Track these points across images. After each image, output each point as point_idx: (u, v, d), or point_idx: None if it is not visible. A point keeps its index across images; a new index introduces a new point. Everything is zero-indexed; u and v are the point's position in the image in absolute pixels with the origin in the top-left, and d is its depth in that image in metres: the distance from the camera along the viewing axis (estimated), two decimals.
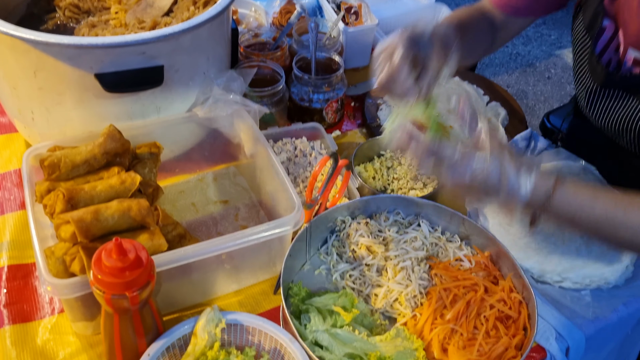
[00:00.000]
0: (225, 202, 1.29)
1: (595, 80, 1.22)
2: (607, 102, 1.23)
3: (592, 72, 1.23)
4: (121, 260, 0.82)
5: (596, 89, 1.23)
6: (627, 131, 1.21)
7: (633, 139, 1.21)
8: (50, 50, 1.04)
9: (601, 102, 1.24)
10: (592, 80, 1.24)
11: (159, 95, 1.16)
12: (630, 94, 1.17)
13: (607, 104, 1.23)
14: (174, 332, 0.95)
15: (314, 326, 0.99)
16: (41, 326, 1.05)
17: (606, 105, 1.23)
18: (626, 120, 1.20)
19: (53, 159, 1.03)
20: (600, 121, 1.28)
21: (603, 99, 1.23)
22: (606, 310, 1.11)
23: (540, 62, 4.10)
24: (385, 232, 1.15)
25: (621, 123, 1.21)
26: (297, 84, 1.45)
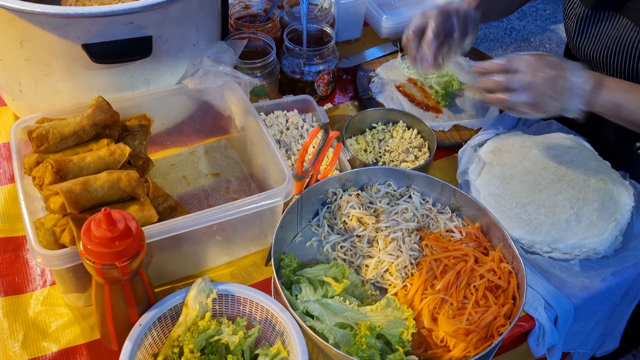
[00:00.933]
0: (217, 174, 1.29)
1: (586, 3, 1.27)
2: (596, 27, 1.27)
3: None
4: (110, 230, 0.82)
5: (586, 14, 1.28)
6: (616, 54, 1.24)
7: (621, 62, 1.24)
8: (36, 20, 1.02)
9: (590, 28, 1.28)
10: (581, 6, 1.28)
11: (148, 67, 1.15)
12: (619, 13, 1.21)
13: (596, 29, 1.27)
14: (166, 303, 0.95)
15: (305, 296, 1.00)
16: (33, 298, 1.06)
17: (595, 30, 1.28)
18: (615, 42, 1.24)
19: (41, 131, 1.02)
20: (589, 50, 1.31)
21: (592, 24, 1.28)
22: (595, 280, 1.12)
23: (535, 37, 4.07)
24: (377, 203, 1.15)
25: (609, 48, 1.26)
26: (289, 56, 1.44)
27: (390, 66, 1.59)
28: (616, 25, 1.25)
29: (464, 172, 1.28)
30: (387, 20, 1.67)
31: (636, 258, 1.14)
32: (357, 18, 1.68)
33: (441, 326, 0.98)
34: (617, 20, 1.24)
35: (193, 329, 0.93)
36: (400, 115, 1.37)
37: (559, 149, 1.26)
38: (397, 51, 1.66)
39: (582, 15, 1.30)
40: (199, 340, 0.92)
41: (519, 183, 1.21)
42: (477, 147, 1.33)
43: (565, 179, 1.20)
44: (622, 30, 1.23)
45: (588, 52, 1.33)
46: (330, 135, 1.11)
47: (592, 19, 1.28)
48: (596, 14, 1.27)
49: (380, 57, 1.64)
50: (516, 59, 1.11)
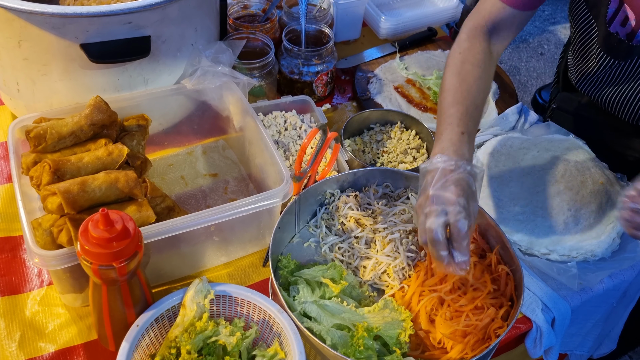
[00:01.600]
0: (215, 175, 1.28)
1: (613, 55, 1.20)
2: (622, 73, 1.22)
3: (606, 48, 1.20)
4: (108, 230, 0.82)
5: (611, 63, 1.22)
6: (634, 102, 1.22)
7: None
8: (35, 19, 1.02)
9: (614, 75, 1.23)
10: (605, 57, 1.21)
11: (146, 67, 1.15)
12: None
13: (622, 75, 1.22)
14: (163, 303, 0.95)
15: (303, 297, 1.00)
16: (30, 298, 1.05)
17: (621, 76, 1.22)
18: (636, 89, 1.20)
19: (39, 130, 1.02)
20: (602, 97, 1.27)
21: (618, 71, 1.22)
22: (592, 282, 1.12)
23: (534, 38, 4.07)
24: (374, 204, 1.15)
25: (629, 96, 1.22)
26: (287, 56, 1.44)
27: (389, 67, 1.59)
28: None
29: None
30: (386, 20, 1.67)
31: (633, 260, 1.14)
32: (355, 18, 1.68)
33: (438, 328, 0.99)
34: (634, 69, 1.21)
35: (190, 330, 0.93)
36: (398, 116, 1.37)
37: (557, 151, 1.26)
38: (396, 52, 1.66)
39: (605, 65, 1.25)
40: (196, 341, 0.92)
41: (516, 185, 1.21)
42: (476, 148, 1.33)
43: (563, 181, 1.20)
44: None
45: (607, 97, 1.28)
46: (329, 136, 1.11)
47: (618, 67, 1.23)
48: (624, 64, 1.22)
49: (379, 57, 1.64)
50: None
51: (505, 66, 3.80)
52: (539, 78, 3.74)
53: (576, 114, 1.43)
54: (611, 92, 1.27)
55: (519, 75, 3.74)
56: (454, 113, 1.06)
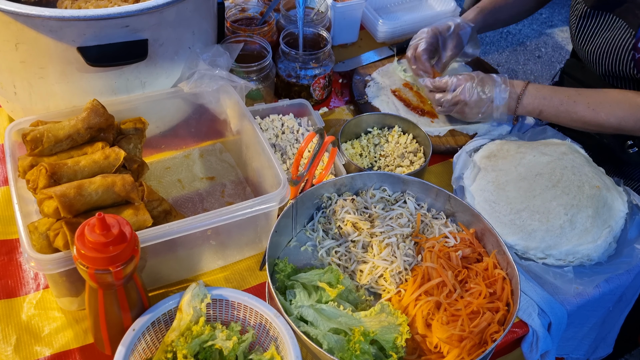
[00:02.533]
0: (212, 178, 1.28)
1: (587, 1, 1.35)
2: (593, 27, 1.36)
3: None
4: (104, 235, 0.82)
5: (586, 12, 1.36)
6: (608, 55, 1.32)
7: (612, 63, 1.32)
8: (32, 22, 1.02)
9: (588, 27, 1.36)
10: (583, 5, 1.36)
11: (143, 70, 1.15)
12: (615, 14, 1.29)
13: (593, 28, 1.36)
14: (160, 307, 0.95)
15: (299, 302, 1.00)
16: (26, 302, 1.05)
17: (592, 30, 1.36)
18: (608, 43, 1.32)
19: (36, 134, 1.02)
20: (586, 49, 1.39)
21: (590, 24, 1.36)
22: (588, 286, 1.12)
23: (531, 41, 4.08)
24: (371, 208, 1.15)
25: (603, 48, 1.33)
26: (285, 59, 1.44)
27: (386, 70, 1.59)
28: (611, 27, 1.32)
29: (459, 177, 1.28)
30: (383, 24, 1.67)
31: (629, 265, 1.14)
32: (353, 22, 1.69)
33: (435, 332, 0.99)
34: (612, 22, 1.31)
35: (187, 334, 0.93)
36: (395, 120, 1.37)
37: (553, 155, 1.26)
38: (393, 55, 1.66)
39: (583, 13, 1.38)
40: (192, 345, 0.92)
41: (513, 189, 1.21)
42: (472, 152, 1.34)
43: (559, 185, 1.20)
44: (616, 32, 1.30)
45: (585, 50, 1.41)
46: (326, 140, 1.11)
47: (591, 18, 1.36)
48: (595, 13, 1.35)
49: (376, 61, 1.64)
50: (449, 80, 1.38)
51: (503, 69, 3.80)
52: (537, 81, 3.75)
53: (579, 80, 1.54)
54: (589, 45, 1.39)
55: (517, 78, 3.75)
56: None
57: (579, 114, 1.29)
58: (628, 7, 1.26)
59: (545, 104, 1.31)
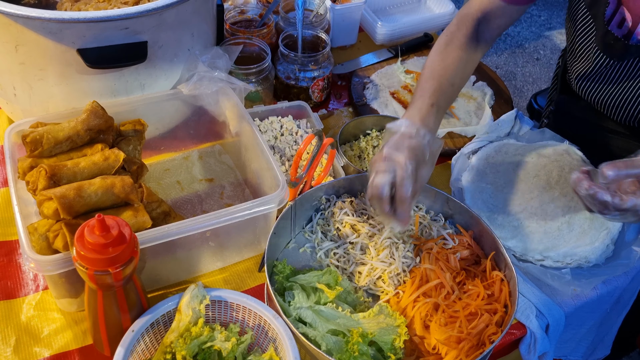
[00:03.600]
0: (211, 180, 1.29)
1: (610, 55, 1.21)
2: (618, 74, 1.23)
3: (603, 47, 1.22)
4: (104, 236, 0.82)
5: (608, 64, 1.23)
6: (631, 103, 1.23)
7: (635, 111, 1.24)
8: (32, 24, 1.02)
9: (611, 76, 1.25)
10: (602, 56, 1.23)
11: (142, 72, 1.15)
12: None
13: (618, 75, 1.24)
14: (159, 309, 0.95)
15: (298, 303, 1.00)
16: (25, 303, 1.05)
17: (616, 77, 1.24)
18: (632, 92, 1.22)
19: (35, 135, 1.02)
20: (598, 97, 1.29)
21: (614, 71, 1.24)
22: (586, 288, 1.12)
23: (530, 44, 4.09)
24: (370, 210, 1.15)
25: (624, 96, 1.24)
26: (284, 61, 1.44)
27: (385, 73, 1.59)
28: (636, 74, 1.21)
29: (457, 179, 1.28)
30: (382, 26, 1.68)
31: (627, 267, 1.15)
32: (352, 24, 1.69)
33: (433, 334, 0.99)
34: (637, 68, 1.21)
35: (186, 335, 0.93)
36: None
37: (551, 157, 1.27)
38: (392, 57, 1.66)
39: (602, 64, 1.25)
40: (191, 346, 0.92)
41: (511, 191, 1.21)
42: (471, 154, 1.34)
43: (557, 187, 1.20)
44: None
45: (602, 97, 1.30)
46: (324, 142, 1.12)
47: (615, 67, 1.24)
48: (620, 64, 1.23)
49: (375, 63, 1.65)
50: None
51: (501, 71, 3.81)
52: (535, 83, 3.75)
53: (574, 116, 1.45)
54: (607, 92, 1.29)
55: (515, 80, 3.76)
56: (428, 87, 1.13)
57: None
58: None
59: None
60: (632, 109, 1.26)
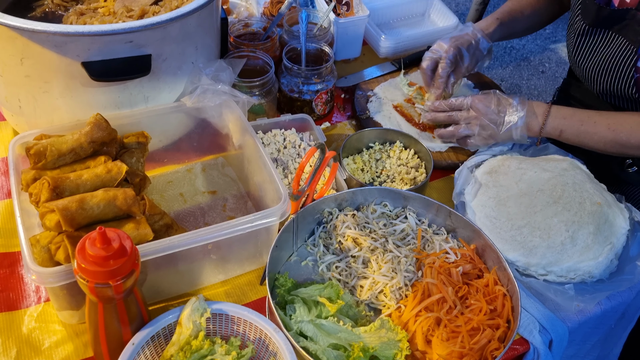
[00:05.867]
0: (214, 192, 1.29)
1: (586, 19, 1.34)
2: (592, 44, 1.35)
3: (583, 12, 1.35)
4: (105, 249, 0.82)
5: (585, 30, 1.35)
6: (608, 72, 1.32)
7: (611, 80, 1.31)
8: (37, 37, 1.03)
9: (587, 45, 1.36)
10: (582, 22, 1.36)
11: (146, 85, 1.16)
12: (615, 32, 1.29)
13: (592, 45, 1.35)
14: (159, 321, 0.95)
15: (299, 317, 1.00)
16: (27, 314, 1.05)
17: (591, 47, 1.36)
18: (608, 60, 1.31)
19: (39, 148, 1.03)
20: (584, 66, 1.38)
21: (589, 41, 1.35)
22: (590, 303, 1.11)
23: (535, 56, 4.10)
24: (372, 224, 1.15)
25: (602, 65, 1.33)
26: (287, 75, 1.45)
27: (389, 86, 1.60)
28: (611, 44, 1.31)
29: (460, 193, 1.28)
30: (386, 39, 1.68)
31: (631, 282, 1.14)
32: (356, 37, 1.70)
33: (435, 349, 0.98)
34: (613, 39, 1.31)
35: (186, 349, 0.93)
36: (397, 136, 1.38)
37: (554, 171, 1.26)
38: (396, 70, 1.67)
39: (581, 31, 1.37)
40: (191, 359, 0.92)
41: (514, 205, 1.21)
42: (474, 168, 1.34)
43: (560, 201, 1.20)
44: (616, 49, 1.30)
45: (583, 68, 1.40)
46: (327, 155, 1.12)
47: (590, 35, 1.35)
48: (594, 30, 1.34)
49: (378, 76, 1.65)
50: (463, 99, 1.36)
51: (507, 84, 3.81)
52: (540, 96, 3.75)
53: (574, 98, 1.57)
54: (587, 63, 1.38)
55: (520, 93, 3.76)
56: (499, 10, 1.54)
57: (600, 134, 1.27)
58: (628, 24, 1.26)
59: (565, 124, 1.29)
60: (603, 80, 1.34)
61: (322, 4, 1.68)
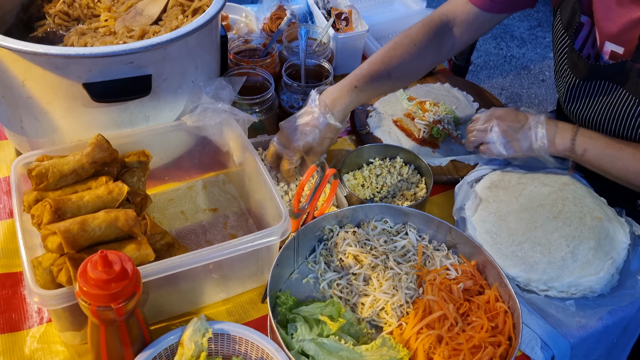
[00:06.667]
0: (215, 210, 1.29)
1: (577, 74, 1.28)
2: (588, 95, 1.29)
3: (572, 67, 1.28)
4: (106, 272, 0.83)
5: (577, 83, 1.29)
6: (611, 121, 1.26)
7: (617, 128, 1.25)
8: (39, 60, 1.04)
9: (582, 96, 1.30)
10: (572, 76, 1.29)
11: (147, 104, 1.16)
12: (613, 82, 1.22)
13: (588, 96, 1.29)
14: (161, 342, 0.96)
15: (301, 335, 1.00)
16: (29, 335, 1.06)
17: (587, 98, 1.29)
18: (610, 110, 1.25)
19: (41, 169, 1.03)
20: (582, 115, 1.33)
21: (584, 92, 1.29)
22: (591, 319, 1.11)
23: (535, 65, 4.10)
24: (373, 241, 1.15)
25: (604, 114, 1.27)
26: (287, 91, 1.46)
27: (388, 100, 1.60)
28: (611, 93, 1.25)
29: (460, 208, 1.28)
30: None
31: (633, 297, 1.14)
32: (355, 52, 1.71)
33: None
34: (611, 89, 1.24)
35: None
36: (397, 151, 1.38)
37: (554, 186, 1.27)
38: None
39: (573, 84, 1.31)
40: None
41: (515, 220, 1.21)
42: (474, 182, 1.34)
43: (561, 216, 1.20)
44: (617, 99, 1.23)
45: (581, 117, 1.34)
46: (327, 173, 1.12)
47: (585, 87, 1.29)
48: (588, 83, 1.28)
49: None
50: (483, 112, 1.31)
51: (507, 93, 3.82)
52: (541, 105, 3.76)
53: None
54: (585, 111, 1.32)
55: (521, 102, 3.77)
56: (361, 69, 1.28)
57: (624, 161, 1.19)
58: (628, 76, 1.19)
59: (591, 143, 1.22)
60: (605, 127, 1.28)
61: (322, 20, 1.70)
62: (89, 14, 1.39)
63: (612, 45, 1.20)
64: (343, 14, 1.69)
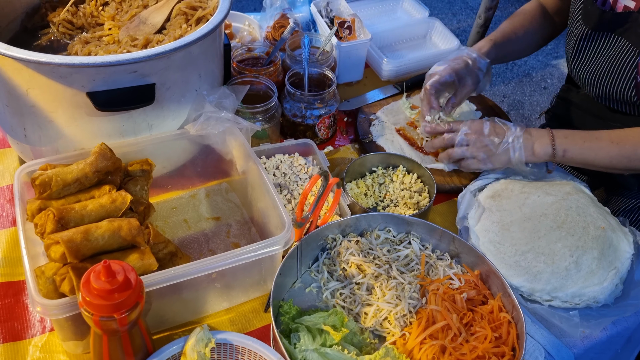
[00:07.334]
0: (217, 218, 1.29)
1: (587, 23, 1.36)
2: (593, 47, 1.37)
3: (584, 16, 1.37)
4: (109, 282, 0.83)
5: (586, 34, 1.38)
6: (609, 75, 1.33)
7: (612, 83, 1.33)
8: (43, 69, 1.05)
9: (588, 49, 1.38)
10: (583, 27, 1.38)
11: (150, 113, 1.17)
12: (618, 35, 1.31)
13: (593, 49, 1.37)
14: (164, 352, 0.95)
15: (304, 345, 0.99)
16: (32, 345, 1.05)
17: (592, 51, 1.38)
18: (610, 63, 1.33)
19: (44, 178, 1.04)
20: (584, 71, 1.41)
21: (590, 45, 1.37)
22: (595, 329, 1.11)
23: (537, 72, 4.11)
24: (376, 250, 1.15)
25: (604, 68, 1.35)
26: (290, 100, 1.46)
27: (391, 109, 1.60)
28: (614, 47, 1.33)
29: (463, 217, 1.28)
30: (388, 62, 1.69)
31: (637, 307, 1.14)
32: (358, 60, 1.71)
33: None
34: (615, 42, 1.33)
35: None
36: (400, 160, 1.38)
37: (558, 195, 1.26)
38: (398, 93, 1.68)
39: (583, 35, 1.39)
40: None
41: (518, 230, 1.21)
42: (477, 192, 1.34)
43: (564, 226, 1.20)
44: (618, 51, 1.32)
45: (583, 72, 1.42)
46: (330, 182, 1.12)
47: (592, 39, 1.37)
48: (596, 34, 1.36)
49: (381, 99, 1.66)
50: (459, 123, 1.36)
51: (509, 100, 3.82)
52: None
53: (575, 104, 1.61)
54: (586, 67, 1.40)
55: (523, 109, 3.77)
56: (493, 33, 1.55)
57: (605, 149, 1.25)
58: (631, 26, 1.28)
59: (568, 142, 1.27)
60: (603, 83, 1.35)
61: (325, 28, 1.70)
62: (93, 23, 1.40)
63: (625, 0, 1.28)
64: (346, 23, 1.70)
